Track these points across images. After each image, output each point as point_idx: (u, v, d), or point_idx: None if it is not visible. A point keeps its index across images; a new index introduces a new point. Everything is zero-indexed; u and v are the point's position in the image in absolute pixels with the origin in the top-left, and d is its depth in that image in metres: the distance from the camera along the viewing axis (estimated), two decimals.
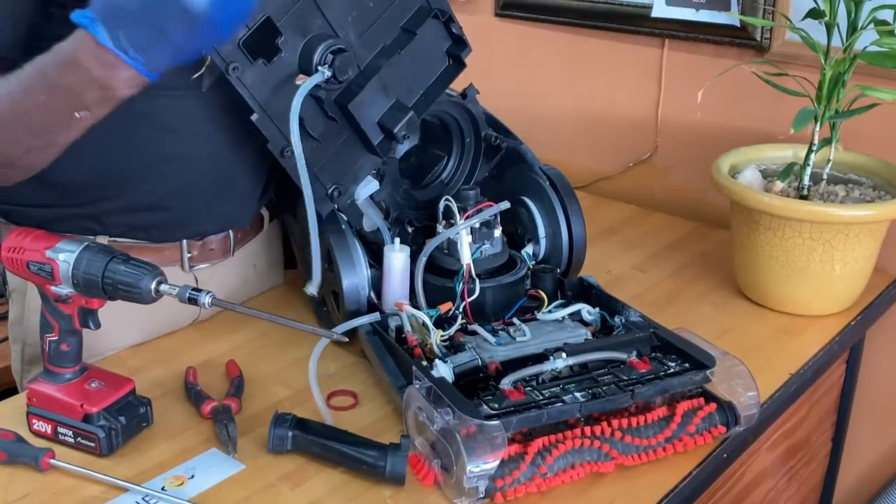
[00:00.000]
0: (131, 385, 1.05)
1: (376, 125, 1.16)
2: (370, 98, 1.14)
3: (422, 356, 1.07)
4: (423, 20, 1.17)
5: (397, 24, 1.17)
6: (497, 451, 0.90)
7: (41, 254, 0.97)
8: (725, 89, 1.47)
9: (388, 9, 1.15)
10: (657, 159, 1.73)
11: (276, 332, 1.23)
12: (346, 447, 0.98)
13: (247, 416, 1.09)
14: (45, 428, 1.03)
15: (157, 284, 0.94)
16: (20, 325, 1.25)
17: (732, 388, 1.03)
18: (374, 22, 1.15)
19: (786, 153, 1.41)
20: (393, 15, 1.16)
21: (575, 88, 1.81)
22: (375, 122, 1.16)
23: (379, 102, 1.15)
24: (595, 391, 0.98)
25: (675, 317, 1.26)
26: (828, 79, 1.25)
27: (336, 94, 1.13)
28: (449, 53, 1.22)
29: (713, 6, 1.56)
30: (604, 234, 1.57)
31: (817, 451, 1.52)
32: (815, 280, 1.28)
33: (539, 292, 1.19)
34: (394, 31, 1.17)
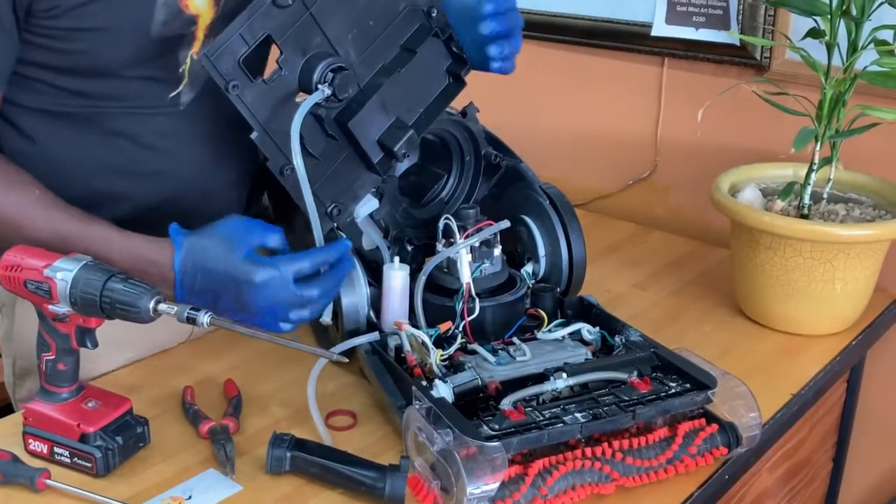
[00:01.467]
0: (128, 405, 1.04)
1: (376, 143, 1.16)
2: (370, 116, 1.14)
3: (421, 376, 1.06)
4: (423, 38, 1.17)
5: (397, 42, 1.17)
6: (497, 472, 0.89)
7: (39, 272, 0.96)
8: (725, 108, 1.47)
9: (388, 27, 1.15)
10: (657, 178, 1.73)
11: (275, 352, 1.22)
12: (345, 468, 0.98)
13: (245, 436, 1.08)
14: (42, 448, 1.02)
15: (156, 303, 0.93)
16: (10, 340, 1.24)
17: (734, 408, 1.02)
18: (375, 40, 1.14)
19: (786, 172, 1.41)
20: (393, 33, 1.16)
21: (575, 107, 1.82)
22: (375, 141, 1.15)
23: (379, 120, 1.15)
24: (596, 412, 0.97)
25: (675, 336, 1.26)
26: (828, 98, 1.25)
27: (336, 113, 1.13)
28: (449, 72, 1.22)
29: (713, 25, 1.57)
30: (603, 253, 1.57)
31: (818, 472, 1.52)
32: (816, 299, 1.27)
33: (539, 311, 1.18)
34: (394, 50, 1.16)
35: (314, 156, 1.13)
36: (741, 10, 1.52)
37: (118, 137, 1.13)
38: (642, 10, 1.64)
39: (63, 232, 1.05)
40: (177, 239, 1.04)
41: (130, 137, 1.14)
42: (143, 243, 1.06)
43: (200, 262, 1.02)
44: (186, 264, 1.03)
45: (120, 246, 1.05)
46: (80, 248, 1.02)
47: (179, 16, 1.08)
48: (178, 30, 1.09)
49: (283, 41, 1.07)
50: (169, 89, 1.13)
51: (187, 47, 1.11)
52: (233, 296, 1.02)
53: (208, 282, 1.02)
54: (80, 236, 1.05)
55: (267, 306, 1.02)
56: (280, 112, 1.08)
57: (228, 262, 1.02)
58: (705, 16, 1.57)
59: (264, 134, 1.09)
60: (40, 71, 1.08)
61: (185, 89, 1.14)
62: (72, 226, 1.06)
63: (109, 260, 1.03)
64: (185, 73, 1.13)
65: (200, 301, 1.03)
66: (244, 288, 1.01)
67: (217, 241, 1.03)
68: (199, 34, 1.11)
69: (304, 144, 1.11)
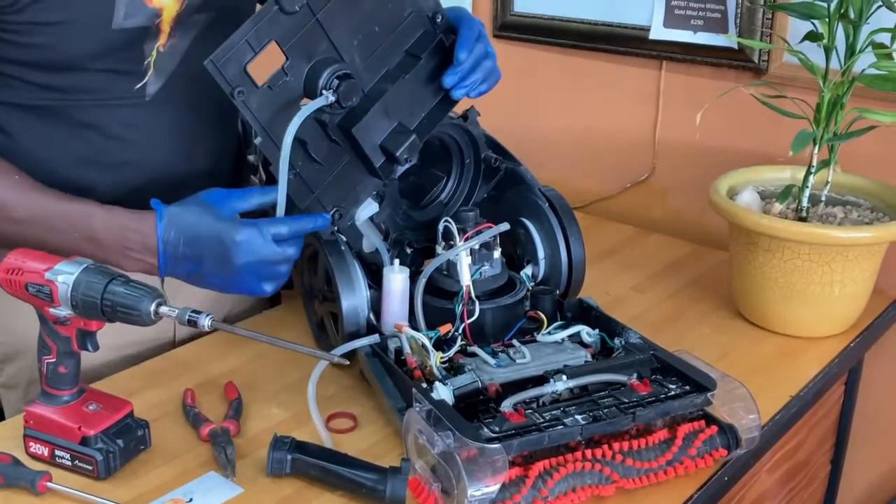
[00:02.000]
0: (129, 407, 1.04)
1: (378, 148, 1.16)
2: (373, 122, 1.14)
3: (421, 378, 1.06)
4: (427, 44, 1.17)
5: (402, 47, 1.17)
6: (498, 474, 0.89)
7: (40, 275, 0.96)
8: (723, 111, 1.47)
9: (393, 33, 1.15)
10: (655, 180, 1.74)
11: (275, 354, 1.22)
12: (346, 470, 0.98)
13: (245, 438, 1.08)
14: (42, 451, 1.02)
15: (157, 306, 0.94)
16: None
17: (733, 410, 1.03)
18: (379, 46, 1.14)
19: (784, 175, 1.41)
20: (398, 39, 1.16)
21: (573, 110, 1.82)
22: (377, 145, 1.16)
23: (381, 125, 1.15)
24: (596, 414, 0.98)
25: (674, 338, 1.26)
26: (826, 101, 1.26)
27: (340, 118, 1.13)
28: None
29: (711, 28, 1.57)
30: (602, 255, 1.57)
31: (817, 473, 1.52)
32: (814, 302, 1.28)
33: (538, 314, 1.18)
34: (398, 55, 1.16)
35: (317, 161, 1.13)
36: (739, 14, 1.53)
37: (87, 129, 1.15)
38: (640, 14, 1.65)
39: (45, 212, 1.08)
40: (159, 208, 1.07)
41: (98, 129, 1.15)
42: (126, 214, 1.08)
43: (183, 226, 1.06)
44: (169, 231, 1.06)
45: (103, 219, 1.08)
46: (64, 226, 1.06)
47: (142, 9, 1.09)
48: (141, 22, 1.10)
49: (288, 47, 1.07)
50: (135, 81, 1.14)
51: (153, 39, 1.13)
52: (215, 256, 1.06)
53: (192, 246, 1.06)
54: (63, 214, 1.08)
55: (247, 263, 1.06)
56: (284, 118, 1.08)
57: (211, 224, 1.06)
58: (703, 19, 1.58)
59: (267, 139, 1.09)
60: (8, 66, 1.11)
61: (150, 80, 1.15)
62: (53, 205, 1.08)
63: (93, 233, 1.06)
64: (150, 64, 1.14)
65: (184, 267, 1.08)
66: (227, 246, 1.05)
67: (199, 207, 1.07)
68: (165, 27, 1.13)
69: (308, 149, 1.12)
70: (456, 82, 1.15)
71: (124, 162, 1.18)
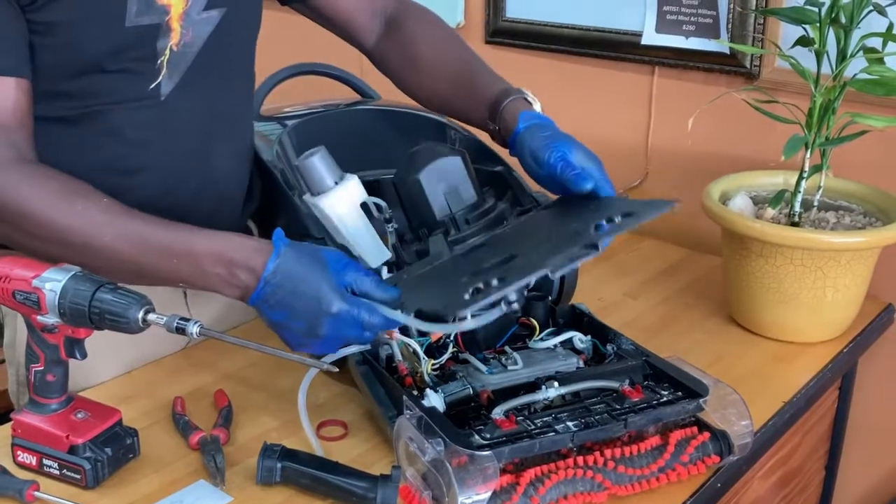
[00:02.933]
0: (118, 416, 1.03)
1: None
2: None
3: (412, 385, 1.06)
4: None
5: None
6: (489, 481, 0.89)
7: (27, 283, 0.95)
8: (715, 116, 1.47)
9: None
10: (648, 186, 1.73)
11: (265, 361, 1.22)
12: (336, 478, 0.97)
13: (235, 446, 1.07)
14: (30, 459, 1.02)
15: (145, 314, 0.93)
16: (14, 347, 1.24)
17: (726, 416, 1.02)
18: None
19: (776, 180, 1.41)
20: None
21: (565, 115, 1.80)
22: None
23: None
24: (587, 420, 0.97)
25: (666, 344, 1.26)
26: (818, 106, 1.26)
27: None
28: None
29: (702, 34, 1.57)
30: (595, 261, 1.53)
31: (811, 479, 1.51)
32: (807, 307, 1.27)
33: (530, 320, 1.17)
34: None
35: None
36: (731, 19, 1.53)
37: (103, 135, 1.13)
38: (632, 20, 1.65)
39: (141, 237, 1.02)
40: (276, 244, 1.01)
41: (114, 134, 1.14)
42: (235, 238, 1.02)
43: (293, 274, 0.99)
44: (278, 272, 0.99)
45: (206, 241, 1.02)
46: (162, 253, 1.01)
47: (152, 6, 1.09)
48: (152, 20, 1.10)
49: None
50: (149, 81, 1.13)
51: (165, 38, 1.12)
52: (309, 319, 0.98)
53: (292, 297, 0.99)
54: (161, 239, 1.02)
55: (334, 337, 0.99)
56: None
57: (321, 285, 0.98)
58: (695, 24, 1.57)
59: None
60: None
61: (164, 80, 1.14)
62: (148, 230, 1.03)
63: (193, 255, 1.00)
64: (163, 63, 1.13)
65: (272, 315, 1.00)
66: (323, 316, 0.98)
67: (316, 262, 1.00)
68: (175, 24, 1.12)
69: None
70: None
71: (142, 167, 1.17)
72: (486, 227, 1.14)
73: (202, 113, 1.19)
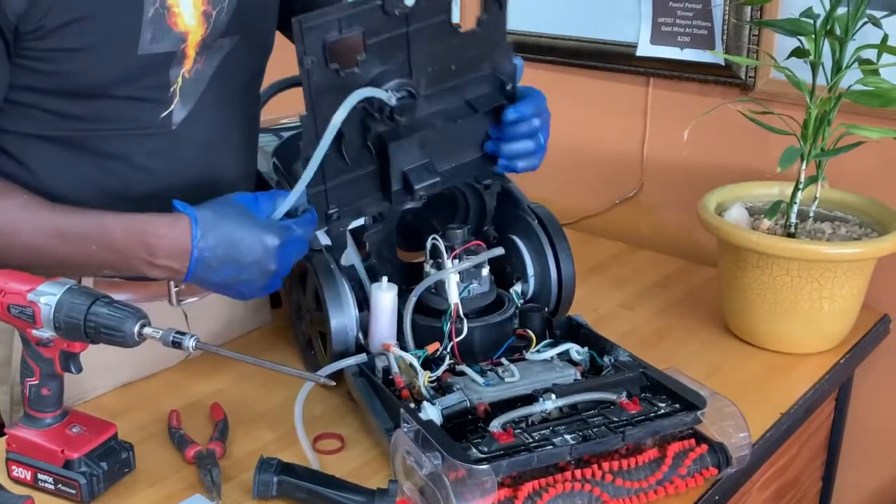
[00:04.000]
0: (113, 430, 1.03)
1: (401, 174, 1.15)
2: (407, 146, 1.14)
3: (409, 398, 1.05)
4: (489, 104, 1.17)
5: (464, 95, 1.16)
6: (487, 495, 0.88)
7: (22, 297, 0.95)
8: (711, 127, 1.47)
9: (463, 78, 1.15)
10: (643, 197, 1.74)
11: (262, 374, 1.21)
12: (333, 492, 0.97)
13: (231, 460, 1.07)
14: (25, 474, 1.01)
15: (141, 327, 0.93)
16: (8, 366, 1.23)
17: (723, 429, 1.02)
18: (447, 84, 1.14)
19: (772, 191, 1.41)
20: (465, 86, 1.16)
21: (561, 126, 1.80)
22: (401, 171, 1.15)
23: (413, 154, 1.15)
24: (585, 433, 0.97)
25: (663, 355, 1.25)
26: (813, 117, 1.26)
27: (381, 130, 1.13)
28: None
29: (697, 45, 1.57)
30: (591, 272, 1.56)
31: (807, 491, 1.51)
32: (804, 318, 1.27)
33: (527, 332, 1.17)
34: (458, 101, 1.16)
35: (345, 158, 1.13)
36: (725, 30, 1.53)
37: (111, 160, 1.12)
38: (627, 31, 1.65)
39: (58, 229, 1.05)
40: (190, 212, 1.04)
41: (123, 159, 1.13)
42: (146, 219, 1.05)
43: (224, 232, 1.03)
44: (207, 237, 1.03)
45: (121, 227, 1.05)
46: (79, 242, 1.03)
47: (169, 33, 1.07)
48: (167, 48, 1.08)
49: (371, 44, 1.07)
50: (161, 109, 1.12)
51: (178, 65, 1.10)
52: (257, 261, 1.04)
53: (233, 250, 1.04)
54: (77, 228, 1.05)
55: (285, 265, 1.06)
56: (335, 105, 1.08)
57: (253, 228, 1.04)
58: (690, 36, 1.58)
59: (311, 116, 1.08)
60: (29, 95, 1.07)
61: (176, 108, 1.13)
62: (65, 220, 1.05)
63: (112, 243, 1.04)
64: (176, 91, 1.12)
65: (221, 273, 1.05)
66: (269, 253, 1.04)
67: (236, 211, 1.05)
68: (190, 52, 1.11)
69: (342, 144, 1.11)
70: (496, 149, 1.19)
71: (149, 193, 1.15)
72: None
73: (211, 141, 1.18)
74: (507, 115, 1.17)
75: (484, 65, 1.16)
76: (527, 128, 1.18)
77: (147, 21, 1.05)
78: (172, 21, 1.07)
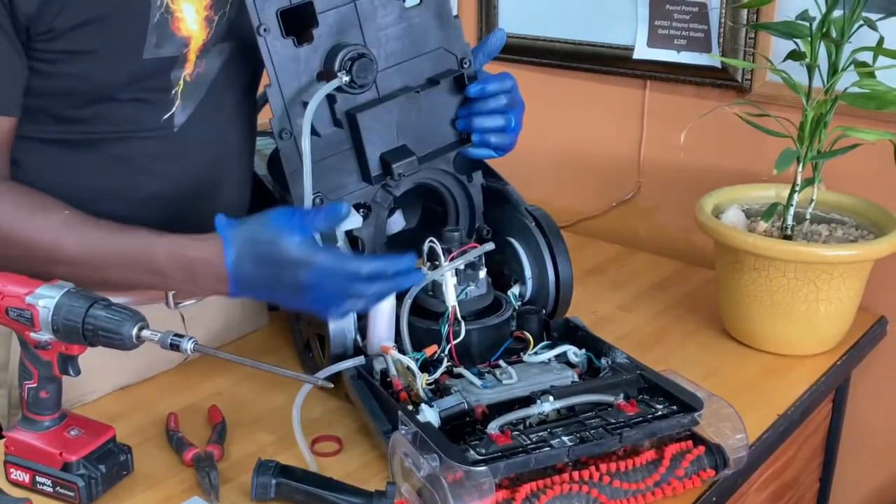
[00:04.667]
0: (111, 432, 1.03)
1: (378, 158, 1.18)
2: (380, 126, 1.16)
3: (407, 400, 1.06)
4: (448, 76, 1.20)
5: (425, 74, 1.20)
6: (485, 497, 0.88)
7: (20, 299, 0.95)
8: (708, 130, 1.48)
9: (421, 55, 1.19)
10: (640, 199, 1.74)
11: (260, 376, 1.21)
12: (331, 494, 0.97)
13: (229, 462, 1.07)
14: (23, 477, 1.01)
15: (139, 330, 0.93)
16: (5, 370, 1.23)
17: (720, 430, 1.02)
18: (405, 61, 1.18)
19: (768, 193, 1.42)
20: (424, 64, 1.20)
21: (558, 129, 1.82)
22: (378, 155, 1.18)
23: (387, 138, 1.18)
24: (583, 435, 0.97)
25: (660, 357, 1.26)
26: (809, 119, 1.26)
27: (349, 106, 1.15)
28: None
29: (694, 48, 1.58)
30: (588, 274, 1.57)
31: (805, 492, 1.51)
32: (800, 320, 1.28)
33: (525, 334, 1.18)
34: (420, 79, 1.20)
35: (317, 133, 1.14)
36: (722, 33, 1.54)
37: (112, 162, 1.13)
38: (624, 34, 1.65)
39: (100, 247, 1.04)
40: (224, 234, 1.02)
41: (125, 162, 1.13)
42: (189, 244, 1.04)
43: (255, 252, 1.01)
44: (241, 257, 1.01)
45: (165, 251, 1.04)
46: (124, 262, 1.03)
47: (171, 38, 1.08)
48: (170, 52, 1.09)
49: (322, 15, 1.10)
50: (163, 111, 1.13)
51: (180, 68, 1.12)
52: (291, 281, 1.00)
53: (265, 271, 1.01)
54: (121, 251, 1.04)
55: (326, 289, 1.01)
56: (297, 79, 1.11)
57: (285, 248, 1.00)
58: (686, 39, 1.58)
59: (278, 90, 1.11)
60: (33, 98, 1.08)
61: (178, 111, 1.14)
62: (108, 239, 1.05)
63: (157, 267, 1.03)
64: (178, 94, 1.13)
65: (257, 294, 1.07)
66: (302, 269, 1.00)
67: (270, 231, 1.01)
68: (191, 56, 1.12)
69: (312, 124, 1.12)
70: (466, 125, 1.20)
71: (151, 196, 1.16)
72: None
73: (212, 144, 1.19)
74: (470, 90, 1.19)
75: (435, 43, 1.20)
76: (494, 103, 1.20)
77: (153, 26, 1.06)
78: (176, 26, 1.08)
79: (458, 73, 1.21)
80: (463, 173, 1.28)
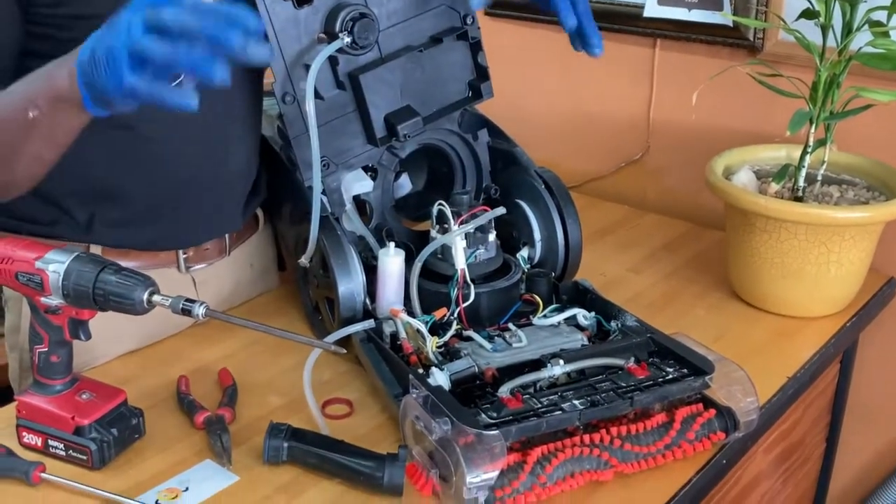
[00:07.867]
0: (123, 396, 1.03)
1: (383, 120, 1.17)
2: (384, 88, 1.16)
3: (417, 364, 1.06)
4: (452, 34, 1.20)
5: (428, 33, 1.19)
6: (496, 460, 0.89)
7: (30, 264, 0.95)
8: (719, 90, 1.46)
9: (423, 13, 1.18)
10: (649, 160, 1.73)
11: (270, 340, 1.21)
12: (343, 458, 0.97)
13: (241, 426, 1.07)
14: (36, 441, 1.02)
15: (150, 295, 0.92)
16: (17, 333, 1.23)
17: (731, 393, 1.02)
18: (407, 19, 1.17)
19: (780, 154, 1.41)
20: (426, 23, 1.19)
21: (566, 88, 1.80)
22: (382, 117, 1.17)
23: (391, 99, 1.17)
24: (594, 398, 0.97)
25: (670, 320, 1.26)
26: (822, 80, 1.25)
27: (351, 67, 1.15)
28: (471, 85, 1.24)
29: (705, 6, 1.55)
30: (597, 236, 1.56)
31: (811, 452, 1.52)
32: (811, 282, 1.27)
33: (534, 297, 1.17)
34: (422, 38, 1.19)
35: (320, 96, 1.14)
36: None
37: (115, 129, 1.11)
38: None
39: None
40: None
41: (129, 128, 1.12)
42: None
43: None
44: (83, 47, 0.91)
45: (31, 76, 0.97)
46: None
47: None
48: None
49: None
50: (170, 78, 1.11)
51: None
52: None
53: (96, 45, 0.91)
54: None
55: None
56: (297, 41, 1.11)
57: None
58: None
59: (278, 52, 1.10)
60: (38, 62, 1.06)
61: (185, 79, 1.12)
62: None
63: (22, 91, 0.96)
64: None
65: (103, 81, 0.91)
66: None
67: None
68: None
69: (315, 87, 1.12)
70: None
71: (155, 164, 1.16)
72: None
73: (219, 114, 1.18)
74: None
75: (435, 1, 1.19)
76: None
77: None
78: None
79: (462, 30, 1.20)
80: (468, 132, 1.27)
